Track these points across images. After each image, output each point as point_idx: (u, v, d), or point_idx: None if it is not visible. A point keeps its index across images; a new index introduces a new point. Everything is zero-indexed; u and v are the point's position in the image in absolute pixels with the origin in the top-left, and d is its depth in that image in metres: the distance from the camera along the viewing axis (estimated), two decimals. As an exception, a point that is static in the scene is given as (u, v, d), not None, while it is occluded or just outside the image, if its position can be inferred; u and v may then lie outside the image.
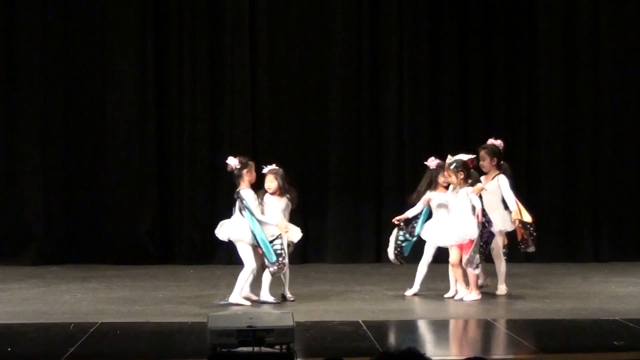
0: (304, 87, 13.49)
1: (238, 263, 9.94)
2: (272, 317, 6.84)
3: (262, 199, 9.98)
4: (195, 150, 13.32)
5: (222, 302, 9.88)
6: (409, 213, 10.41)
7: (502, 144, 10.50)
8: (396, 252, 10.41)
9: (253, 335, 6.57)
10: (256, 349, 6.57)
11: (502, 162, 10.41)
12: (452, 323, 9.31)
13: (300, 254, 12.14)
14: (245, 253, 9.80)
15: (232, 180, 10.03)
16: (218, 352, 6.53)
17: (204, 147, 13.35)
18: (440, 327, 9.15)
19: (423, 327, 9.23)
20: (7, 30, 13.14)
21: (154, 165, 13.28)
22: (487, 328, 8.82)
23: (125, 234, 13.16)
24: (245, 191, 9.85)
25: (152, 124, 13.24)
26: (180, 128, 13.34)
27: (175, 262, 13.08)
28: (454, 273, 10.13)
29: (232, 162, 9.96)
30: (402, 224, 10.42)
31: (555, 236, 13.53)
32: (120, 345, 8.09)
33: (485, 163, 10.36)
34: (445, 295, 10.22)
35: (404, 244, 10.41)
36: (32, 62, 13.12)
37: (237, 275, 9.82)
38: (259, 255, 9.82)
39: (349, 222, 13.42)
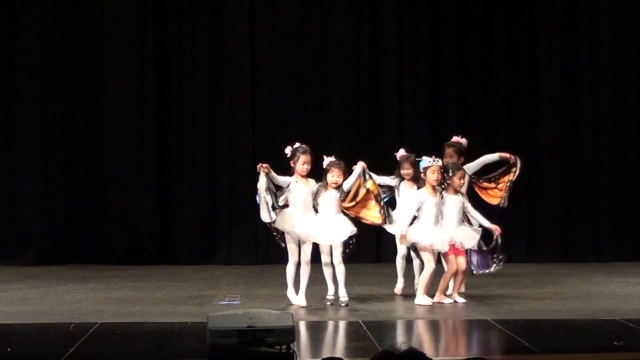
0: (303, 87, 13.49)
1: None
2: (272, 317, 6.83)
3: (320, 193, 9.78)
4: (195, 151, 13.32)
5: (222, 303, 9.88)
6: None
7: (466, 142, 10.44)
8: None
9: (253, 335, 6.57)
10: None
11: (465, 161, 10.36)
12: (452, 323, 9.31)
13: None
14: (289, 246, 9.72)
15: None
16: (218, 352, 6.53)
17: (204, 147, 13.35)
18: (440, 327, 9.16)
19: (423, 327, 9.22)
20: (7, 31, 13.12)
21: (154, 166, 13.26)
22: (487, 328, 8.80)
23: (125, 234, 13.14)
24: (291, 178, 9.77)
25: (152, 124, 13.24)
26: (180, 128, 13.33)
27: (175, 262, 13.06)
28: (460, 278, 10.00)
29: (287, 149, 9.85)
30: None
31: (555, 236, 13.53)
32: (120, 345, 8.09)
33: (453, 161, 10.25)
34: (401, 292, 10.22)
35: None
36: (32, 63, 13.10)
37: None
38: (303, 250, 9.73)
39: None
